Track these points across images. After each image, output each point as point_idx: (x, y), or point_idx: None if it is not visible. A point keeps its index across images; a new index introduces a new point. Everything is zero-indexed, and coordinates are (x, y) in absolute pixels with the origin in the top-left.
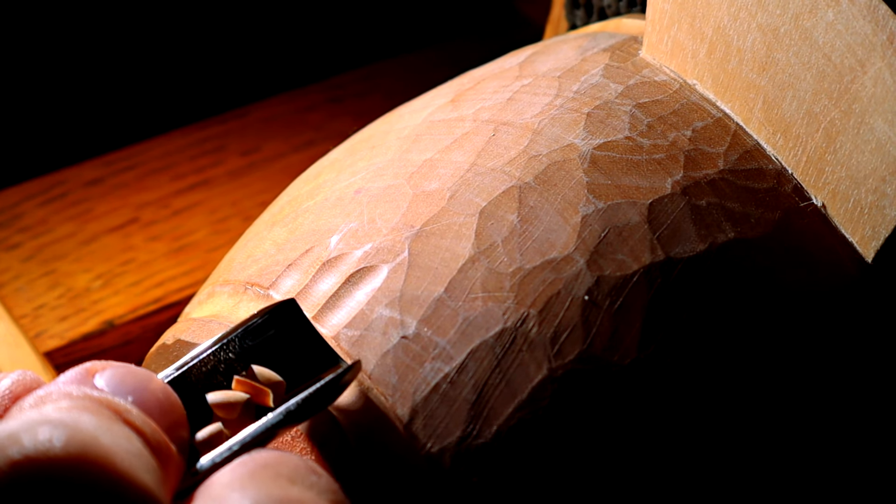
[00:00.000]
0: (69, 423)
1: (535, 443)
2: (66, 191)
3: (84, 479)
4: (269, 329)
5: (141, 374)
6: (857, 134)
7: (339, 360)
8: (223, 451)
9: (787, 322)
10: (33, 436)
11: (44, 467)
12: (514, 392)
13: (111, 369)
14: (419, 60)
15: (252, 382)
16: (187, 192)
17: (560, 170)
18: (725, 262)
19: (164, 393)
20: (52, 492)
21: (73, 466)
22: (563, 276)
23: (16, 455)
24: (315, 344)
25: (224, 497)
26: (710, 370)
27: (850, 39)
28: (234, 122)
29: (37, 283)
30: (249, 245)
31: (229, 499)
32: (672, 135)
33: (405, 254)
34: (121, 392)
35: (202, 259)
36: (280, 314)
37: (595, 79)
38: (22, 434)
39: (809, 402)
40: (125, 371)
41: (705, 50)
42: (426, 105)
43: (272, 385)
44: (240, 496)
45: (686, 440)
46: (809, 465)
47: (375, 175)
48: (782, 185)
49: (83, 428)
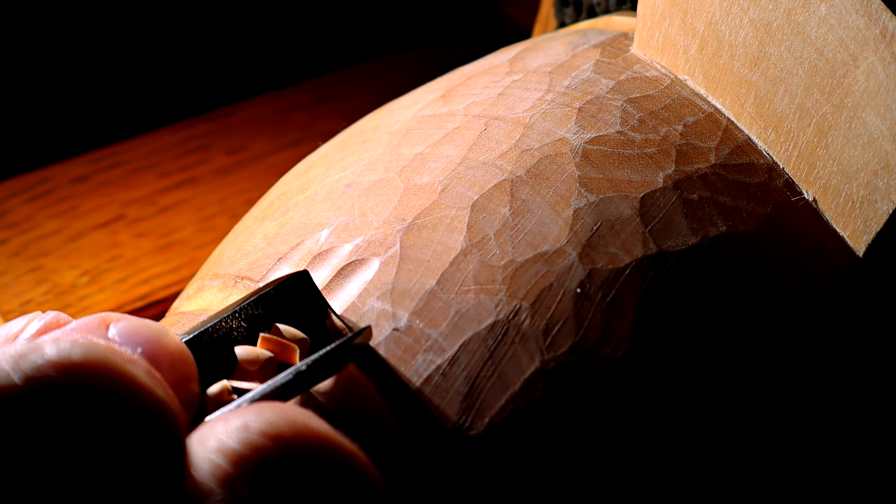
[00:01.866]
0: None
1: (528, 435)
2: (52, 188)
3: (104, 385)
4: (280, 299)
5: (154, 328)
6: (848, 128)
7: (350, 330)
8: (231, 407)
9: (779, 315)
10: (55, 345)
11: (66, 373)
12: (506, 384)
13: (125, 321)
14: (405, 61)
15: (278, 339)
16: (174, 189)
17: (552, 163)
18: (717, 255)
19: (176, 347)
20: (73, 397)
21: (94, 373)
22: (555, 268)
23: (39, 360)
24: (326, 316)
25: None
26: (701, 363)
27: (843, 34)
28: (220, 120)
29: (23, 279)
30: (239, 239)
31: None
32: (663, 129)
33: (397, 247)
34: (131, 343)
35: (188, 256)
36: (292, 286)
37: (586, 74)
38: (43, 344)
39: (801, 395)
40: (138, 323)
41: (697, 45)
42: (416, 101)
43: (298, 341)
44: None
45: (677, 433)
46: (800, 458)
47: (366, 169)
48: (774, 180)
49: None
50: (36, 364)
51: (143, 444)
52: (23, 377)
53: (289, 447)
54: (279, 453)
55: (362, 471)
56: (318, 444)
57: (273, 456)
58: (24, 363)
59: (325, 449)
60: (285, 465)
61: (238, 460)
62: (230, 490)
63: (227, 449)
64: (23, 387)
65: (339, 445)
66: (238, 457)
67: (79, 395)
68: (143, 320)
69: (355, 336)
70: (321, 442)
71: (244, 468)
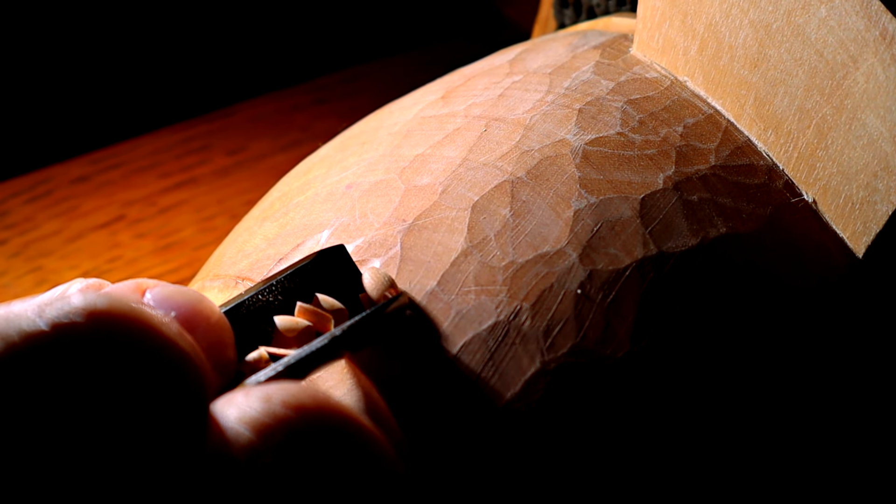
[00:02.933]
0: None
1: (528, 436)
2: (52, 188)
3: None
4: (316, 273)
5: (191, 294)
6: (848, 130)
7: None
8: (268, 371)
9: (779, 317)
10: (81, 294)
11: (91, 319)
12: (507, 385)
13: (161, 286)
14: (405, 62)
15: (315, 309)
16: (174, 190)
17: (552, 165)
18: (717, 256)
19: (213, 312)
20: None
21: (119, 321)
22: (555, 269)
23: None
24: (360, 288)
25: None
26: (702, 364)
27: (843, 35)
28: (220, 121)
29: (23, 280)
30: (240, 240)
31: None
32: (663, 131)
33: (397, 248)
34: (165, 307)
35: (189, 257)
36: (328, 259)
37: (586, 75)
38: (69, 294)
39: (801, 396)
40: (174, 290)
41: (697, 46)
42: (416, 102)
43: (335, 312)
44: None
45: (678, 433)
46: (801, 458)
47: (366, 170)
48: (773, 181)
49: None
50: (62, 310)
51: (165, 393)
52: (49, 323)
53: (311, 418)
54: (302, 423)
55: (381, 446)
56: (340, 417)
57: (295, 426)
58: (49, 310)
59: (347, 423)
60: (308, 435)
61: (260, 428)
62: (252, 457)
63: (248, 417)
64: (49, 332)
65: (360, 421)
66: (260, 425)
67: (103, 341)
68: (181, 287)
69: (390, 303)
70: (343, 416)
71: (267, 436)
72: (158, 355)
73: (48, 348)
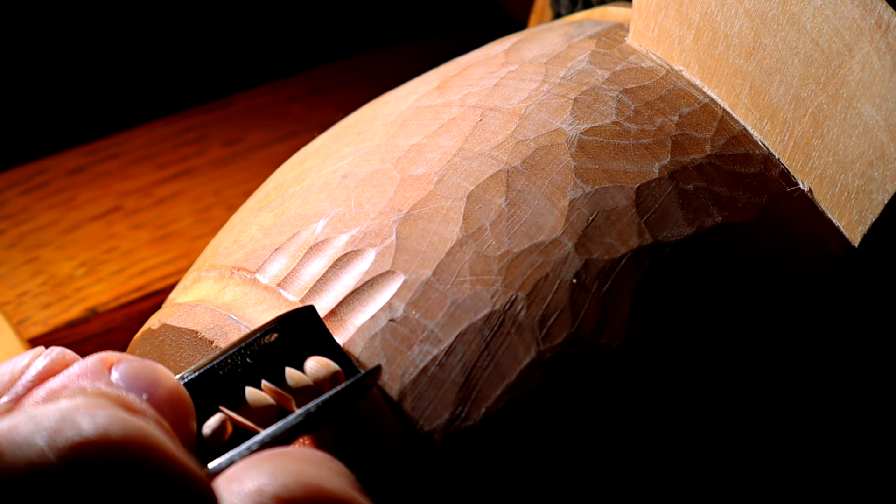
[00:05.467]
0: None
1: (524, 425)
2: (48, 179)
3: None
4: (285, 336)
5: (156, 371)
6: (844, 119)
7: (355, 367)
8: (241, 450)
9: (774, 306)
10: (91, 419)
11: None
12: (502, 374)
13: (125, 363)
14: (401, 53)
15: (277, 389)
16: (170, 181)
17: (548, 154)
18: (713, 245)
19: (175, 390)
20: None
21: (133, 451)
22: (551, 259)
23: (75, 437)
24: (331, 352)
25: (239, 474)
26: (697, 353)
27: (838, 24)
28: (216, 112)
29: (20, 271)
30: (235, 230)
31: (245, 475)
32: (659, 120)
33: (393, 237)
34: (135, 388)
35: (185, 248)
36: (297, 321)
37: (582, 65)
38: (78, 417)
39: (796, 385)
40: (140, 366)
41: (692, 36)
42: (412, 91)
43: (302, 389)
44: (256, 471)
45: (673, 423)
46: (796, 448)
47: (362, 160)
48: (769, 170)
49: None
50: (72, 441)
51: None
52: (58, 454)
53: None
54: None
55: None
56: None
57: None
58: (59, 439)
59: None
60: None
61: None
62: None
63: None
64: (58, 465)
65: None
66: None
67: (118, 473)
68: (143, 362)
69: (366, 376)
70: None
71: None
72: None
73: (59, 483)
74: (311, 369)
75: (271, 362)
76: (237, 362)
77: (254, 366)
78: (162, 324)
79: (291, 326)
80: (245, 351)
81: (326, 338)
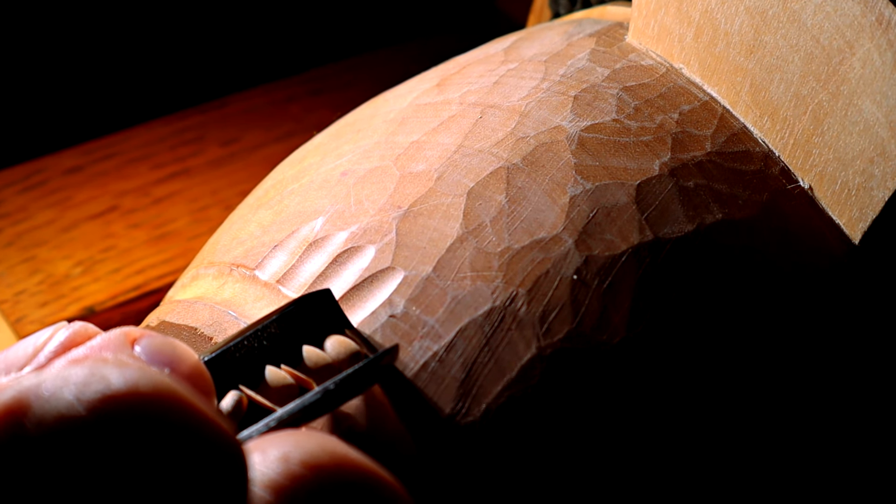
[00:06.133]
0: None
1: (524, 421)
2: (45, 178)
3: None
4: (302, 318)
5: (178, 347)
6: (844, 116)
7: (373, 348)
8: (260, 426)
9: (775, 303)
10: (120, 373)
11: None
12: (503, 370)
13: (148, 338)
14: (398, 55)
15: (295, 372)
16: (167, 181)
17: (548, 151)
18: (713, 242)
19: (196, 366)
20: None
21: (162, 404)
22: (551, 255)
23: (104, 390)
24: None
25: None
26: (698, 350)
27: (839, 21)
28: (214, 112)
29: (17, 269)
30: (234, 228)
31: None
32: (659, 118)
33: (392, 234)
34: (157, 362)
35: (182, 247)
36: (313, 303)
37: (581, 63)
38: (106, 371)
39: (797, 381)
40: (162, 341)
41: (692, 34)
42: (411, 90)
43: (321, 369)
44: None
45: (674, 419)
46: (797, 444)
47: (361, 157)
48: (769, 168)
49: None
50: (101, 394)
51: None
52: (88, 407)
53: (330, 476)
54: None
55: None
56: (357, 472)
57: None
58: (88, 392)
59: (364, 477)
60: (327, 494)
61: (280, 491)
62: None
63: (268, 480)
64: (88, 417)
65: (377, 473)
66: (281, 488)
67: (147, 425)
68: (164, 337)
69: (384, 355)
70: (360, 471)
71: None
72: (204, 437)
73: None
74: (331, 348)
75: (288, 345)
76: (254, 345)
77: (270, 348)
78: (160, 321)
79: (308, 309)
80: (262, 333)
81: (342, 320)
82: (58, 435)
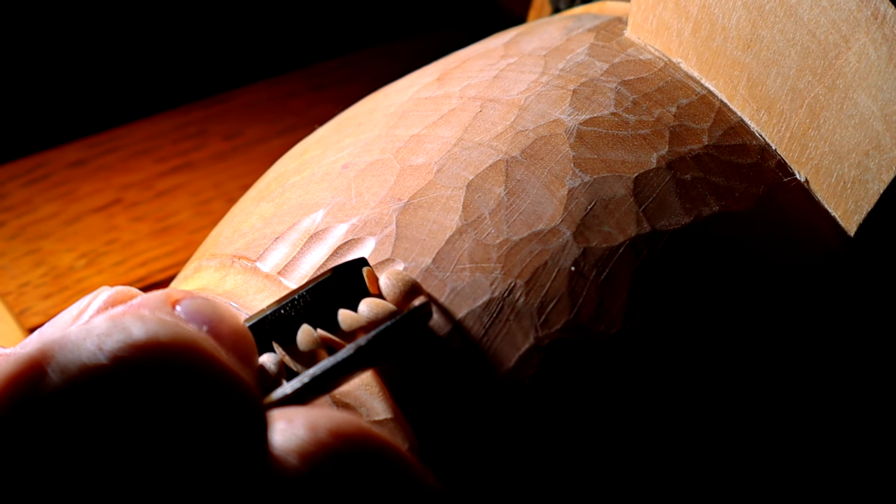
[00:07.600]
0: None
1: (522, 411)
2: (49, 172)
3: (192, 365)
4: (336, 287)
5: (218, 306)
6: (840, 109)
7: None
8: (294, 383)
9: (771, 295)
10: (142, 323)
11: (155, 352)
12: (501, 361)
13: (189, 298)
14: (400, 49)
15: (330, 336)
16: (170, 174)
17: (546, 144)
18: (710, 235)
19: (238, 326)
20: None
21: (182, 353)
22: (549, 247)
23: (126, 339)
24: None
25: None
26: (694, 341)
27: (835, 15)
28: (216, 106)
29: (21, 262)
30: (236, 220)
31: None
32: (657, 111)
33: (392, 226)
34: (197, 321)
35: (185, 240)
36: (349, 272)
37: (580, 57)
38: (128, 322)
39: (793, 374)
40: (203, 302)
41: (690, 28)
42: (412, 84)
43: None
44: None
45: (670, 410)
46: (793, 436)
47: (362, 150)
48: (766, 161)
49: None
50: (123, 343)
51: (231, 423)
52: (109, 356)
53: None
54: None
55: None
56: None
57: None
58: (109, 342)
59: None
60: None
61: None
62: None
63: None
64: (110, 366)
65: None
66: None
67: (167, 374)
68: (206, 298)
69: (416, 310)
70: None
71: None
72: (222, 386)
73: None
74: (366, 309)
75: (324, 312)
76: (291, 314)
77: (305, 317)
78: None
79: (343, 278)
80: (298, 302)
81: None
82: (80, 382)
